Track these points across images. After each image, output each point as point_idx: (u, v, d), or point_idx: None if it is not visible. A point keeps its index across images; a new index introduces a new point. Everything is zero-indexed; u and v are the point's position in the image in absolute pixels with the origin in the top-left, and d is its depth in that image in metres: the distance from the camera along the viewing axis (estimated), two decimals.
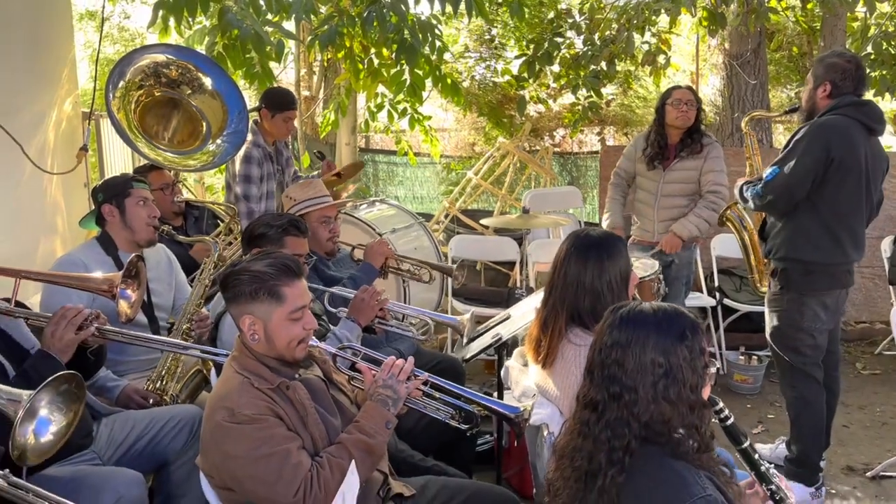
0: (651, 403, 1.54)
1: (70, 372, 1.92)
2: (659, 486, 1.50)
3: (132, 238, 3.00)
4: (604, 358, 1.60)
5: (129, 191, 2.99)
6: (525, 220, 4.43)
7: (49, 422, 1.87)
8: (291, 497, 1.88)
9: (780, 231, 3.35)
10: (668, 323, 1.57)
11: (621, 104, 9.23)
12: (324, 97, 7.76)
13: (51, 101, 4.01)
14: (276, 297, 2.01)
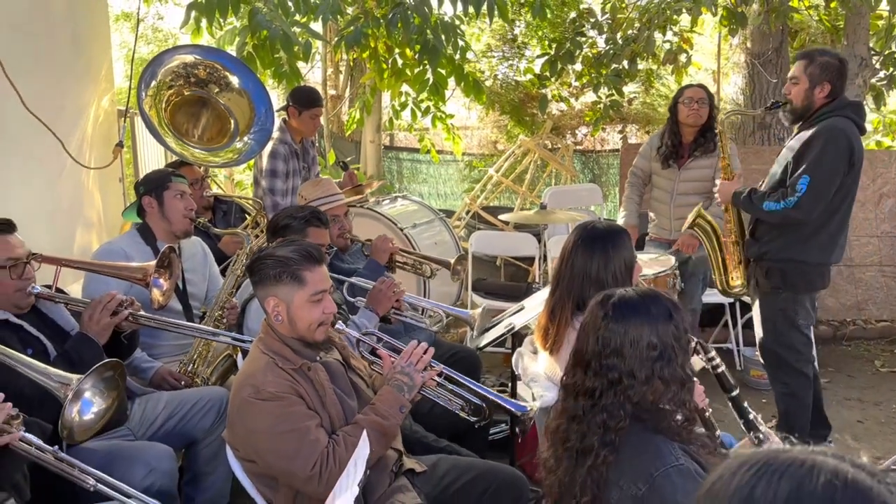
0: (645, 385, 1.63)
1: (114, 360, 2.07)
2: (638, 458, 1.60)
3: (170, 229, 3.15)
4: (601, 349, 1.67)
5: (168, 184, 3.15)
6: (543, 216, 4.53)
7: (91, 403, 2.02)
8: (308, 471, 2.01)
9: (777, 233, 3.36)
10: (655, 305, 1.65)
11: (643, 102, 9.24)
12: (349, 96, 7.92)
13: (89, 98, 4.20)
14: (297, 281, 2.15)
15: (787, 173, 3.29)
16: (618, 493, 1.60)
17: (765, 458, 0.78)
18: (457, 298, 5.43)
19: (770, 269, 3.41)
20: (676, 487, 1.53)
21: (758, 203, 3.33)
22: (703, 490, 0.82)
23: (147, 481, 2.27)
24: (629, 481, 1.58)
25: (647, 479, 1.56)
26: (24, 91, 3.21)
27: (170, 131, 3.91)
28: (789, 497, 0.74)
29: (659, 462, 1.57)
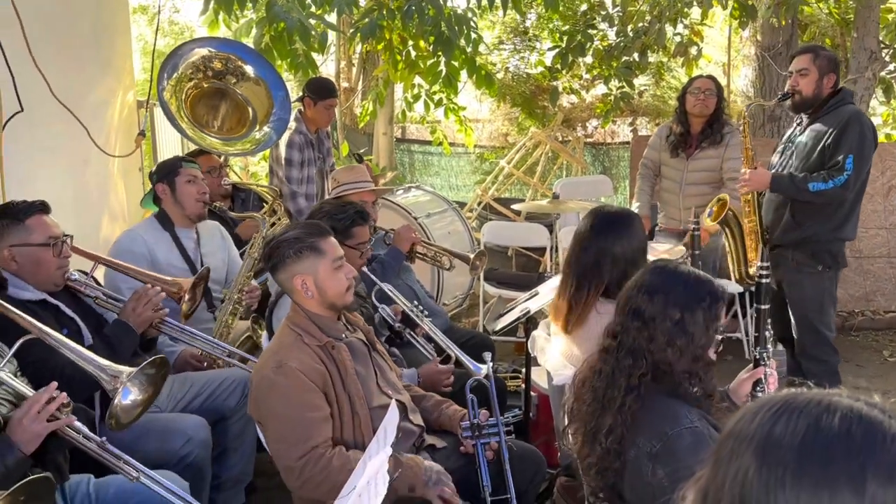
0: (664, 346, 1.72)
1: (161, 357, 2.14)
2: (656, 419, 1.69)
3: (184, 213, 3.23)
4: (634, 294, 1.80)
5: (179, 170, 3.24)
6: (555, 206, 4.60)
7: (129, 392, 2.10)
8: (294, 460, 2.08)
9: (823, 215, 3.46)
10: (696, 285, 1.75)
11: (654, 95, 9.28)
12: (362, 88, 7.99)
13: (111, 89, 4.29)
14: (317, 252, 2.25)
15: (825, 157, 3.41)
16: (635, 451, 1.68)
17: (783, 399, 0.86)
18: (469, 288, 5.51)
19: (817, 250, 3.52)
20: (687, 447, 1.61)
21: (802, 185, 3.40)
22: (725, 431, 0.89)
23: (185, 450, 2.36)
24: (646, 439, 1.67)
25: (661, 437, 1.65)
26: (51, 80, 3.29)
27: (189, 122, 4.00)
28: (807, 431, 0.81)
29: (674, 423, 1.65)
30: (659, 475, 1.62)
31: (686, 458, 1.58)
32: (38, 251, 2.43)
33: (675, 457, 1.61)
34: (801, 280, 3.59)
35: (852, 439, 0.80)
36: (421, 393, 2.65)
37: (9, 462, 1.77)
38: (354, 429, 2.21)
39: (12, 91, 2.95)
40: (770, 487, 0.80)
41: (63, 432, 1.90)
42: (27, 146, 3.29)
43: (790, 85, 3.55)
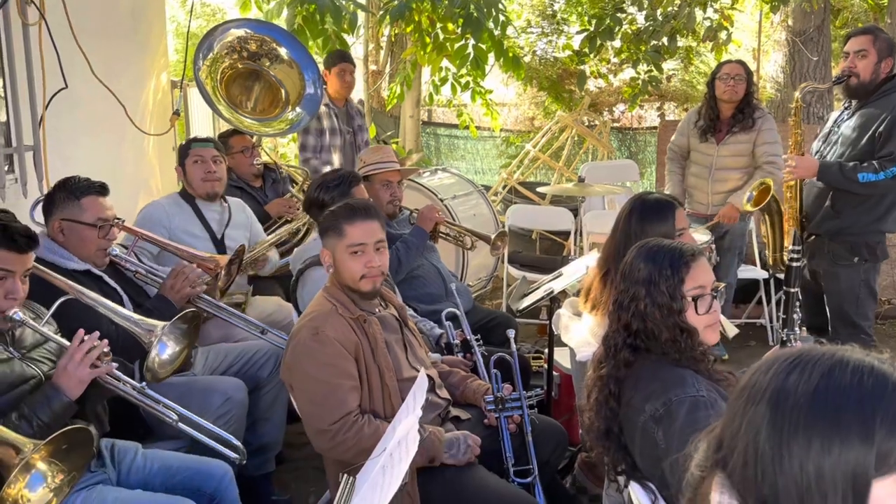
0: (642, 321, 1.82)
1: (193, 311, 2.25)
2: (663, 386, 1.74)
3: (196, 192, 3.36)
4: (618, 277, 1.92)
5: (189, 151, 3.36)
6: (581, 189, 4.62)
7: (165, 346, 2.21)
8: (327, 424, 2.16)
9: (864, 207, 3.40)
10: (657, 255, 1.84)
11: (682, 79, 9.21)
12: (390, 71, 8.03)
13: (147, 69, 4.40)
14: (338, 233, 2.32)
15: (875, 144, 3.31)
16: (644, 417, 1.74)
17: (797, 352, 0.91)
18: (493, 270, 5.56)
19: (854, 242, 3.45)
20: (686, 412, 1.67)
21: (851, 175, 3.31)
22: (740, 384, 0.94)
23: (223, 409, 2.46)
24: (652, 405, 1.73)
25: (665, 402, 1.71)
26: (91, 59, 3.39)
27: (224, 102, 4.09)
28: (820, 381, 0.86)
29: (680, 390, 1.71)
30: (658, 438, 1.69)
31: (682, 423, 1.64)
32: (84, 230, 2.53)
33: (672, 420, 1.67)
34: (837, 272, 3.53)
35: (863, 389, 0.85)
36: (447, 369, 2.72)
37: (55, 406, 1.87)
38: (384, 400, 2.28)
39: (57, 68, 3.05)
40: (783, 435, 0.86)
41: (104, 380, 2.00)
42: (69, 123, 3.40)
43: (846, 67, 3.39)
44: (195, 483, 2.19)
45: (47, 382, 1.95)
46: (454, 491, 2.19)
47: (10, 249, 1.92)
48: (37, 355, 2.08)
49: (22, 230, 1.96)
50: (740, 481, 0.89)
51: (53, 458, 1.63)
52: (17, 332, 2.06)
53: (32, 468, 1.58)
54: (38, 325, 2.04)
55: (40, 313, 2.13)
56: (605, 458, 1.85)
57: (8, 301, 1.94)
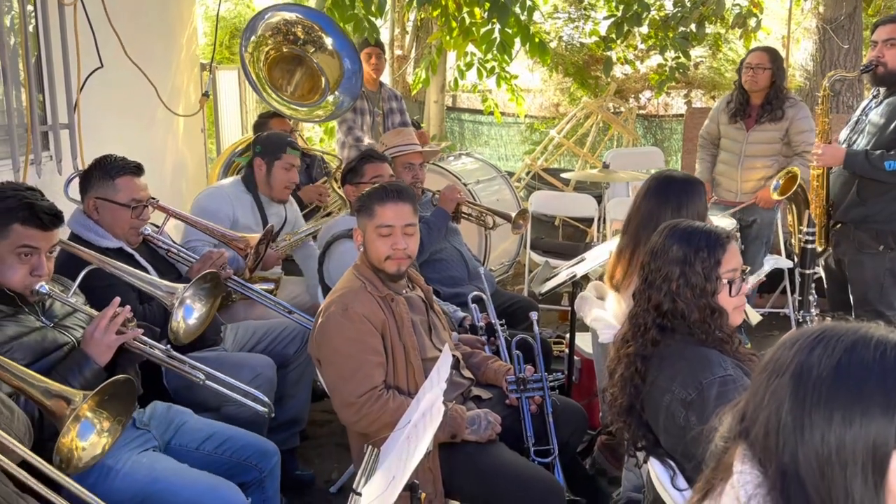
0: (672, 301, 1.82)
1: (212, 272, 2.31)
2: (690, 367, 1.76)
3: (269, 193, 3.41)
4: (643, 258, 1.93)
5: (282, 154, 3.38)
6: (605, 175, 4.62)
7: (192, 309, 2.27)
8: (354, 397, 2.21)
9: (887, 193, 3.38)
10: (690, 238, 1.84)
11: (710, 67, 9.11)
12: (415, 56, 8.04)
13: (177, 50, 4.46)
14: (369, 213, 2.36)
15: None
16: (669, 397, 1.75)
17: (821, 328, 0.93)
18: (515, 256, 5.58)
19: (880, 230, 3.43)
20: (717, 395, 1.67)
21: (878, 163, 3.30)
22: (764, 360, 0.97)
23: (253, 385, 2.51)
24: (680, 387, 1.74)
25: (696, 386, 1.72)
26: (124, 40, 3.45)
27: (267, 85, 4.14)
28: (843, 355, 0.88)
29: (708, 372, 1.73)
30: (692, 421, 1.69)
31: (714, 406, 1.63)
32: (118, 209, 2.59)
33: (705, 405, 1.68)
34: (862, 260, 3.51)
35: (885, 364, 0.87)
36: (469, 350, 2.75)
37: (86, 373, 1.93)
38: (408, 377, 2.33)
39: (91, 48, 3.10)
40: (805, 407, 0.88)
41: (131, 345, 2.05)
42: (102, 103, 3.47)
43: (874, 55, 3.38)
44: (245, 455, 2.26)
45: (77, 350, 2.01)
46: (475, 466, 2.23)
47: (35, 227, 1.97)
48: (69, 323, 2.14)
49: (47, 208, 2.01)
50: (761, 451, 0.92)
51: (100, 407, 1.69)
52: (48, 303, 2.12)
53: (82, 418, 1.64)
54: (65, 297, 2.11)
55: (68, 286, 2.19)
56: (625, 433, 1.88)
57: (34, 277, 2.00)
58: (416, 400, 1.76)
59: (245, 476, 2.25)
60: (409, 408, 1.80)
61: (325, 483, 3.07)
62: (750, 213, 4.37)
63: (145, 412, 2.26)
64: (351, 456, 3.07)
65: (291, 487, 2.92)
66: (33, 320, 2.04)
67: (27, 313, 2.04)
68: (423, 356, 2.38)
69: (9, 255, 1.96)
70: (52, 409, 1.63)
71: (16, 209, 1.96)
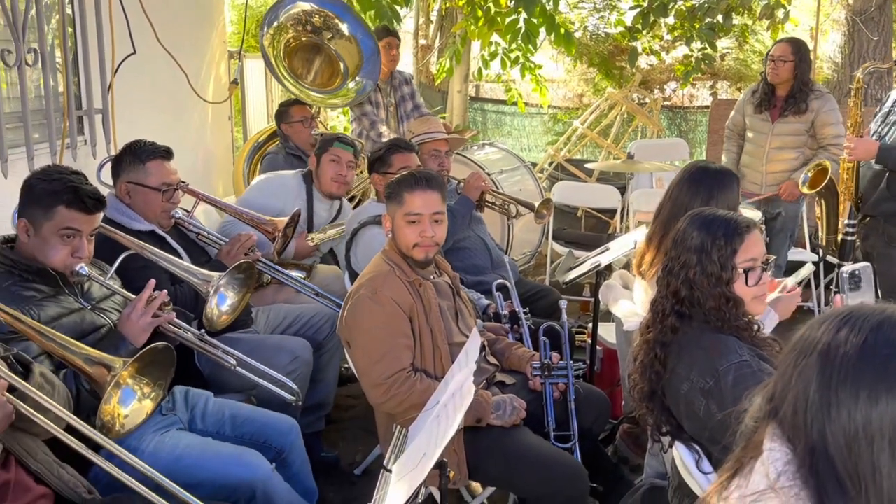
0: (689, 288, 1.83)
1: (247, 262, 2.35)
2: (708, 355, 1.76)
3: (319, 187, 3.48)
4: (669, 244, 1.93)
5: (329, 148, 3.47)
6: (630, 165, 4.60)
7: (228, 298, 2.32)
8: (383, 378, 2.24)
9: None
10: (709, 227, 1.84)
11: (736, 58, 9.00)
12: (439, 46, 8.05)
13: (206, 38, 4.51)
14: (398, 200, 2.39)
15: None
16: (688, 385, 1.77)
17: (849, 309, 0.95)
18: (537, 246, 5.59)
19: None
20: (733, 381, 1.69)
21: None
22: (792, 342, 0.99)
23: (291, 367, 2.57)
24: (698, 375, 1.75)
25: (713, 373, 1.73)
26: (156, 27, 3.50)
27: (286, 74, 4.19)
28: (869, 336, 0.90)
29: (724, 359, 1.73)
30: (713, 409, 1.70)
31: (732, 392, 1.66)
32: (149, 193, 2.64)
33: (723, 392, 1.69)
34: (891, 253, 3.49)
35: None
36: (493, 337, 2.78)
37: (122, 353, 1.96)
38: (435, 361, 2.36)
39: (125, 35, 3.15)
40: (832, 385, 0.90)
41: (166, 329, 2.11)
42: (135, 88, 3.52)
43: None
44: (264, 435, 2.30)
45: (113, 331, 2.06)
46: (499, 449, 2.26)
47: (79, 210, 2.03)
48: (106, 306, 2.20)
49: (91, 192, 2.06)
50: (790, 429, 0.94)
51: (139, 373, 1.75)
52: (86, 285, 2.18)
53: (122, 385, 1.69)
54: (102, 279, 2.16)
55: (105, 269, 2.25)
56: (649, 419, 1.90)
57: (74, 259, 2.05)
58: (445, 382, 1.79)
59: (267, 454, 2.29)
60: (438, 389, 1.83)
61: (349, 465, 3.11)
62: (775, 205, 4.34)
63: (169, 397, 2.30)
64: (374, 439, 3.13)
65: (316, 469, 2.95)
66: (72, 301, 2.10)
67: (67, 294, 2.10)
68: (449, 341, 2.41)
69: (52, 236, 2.02)
70: (93, 375, 1.68)
71: (61, 192, 2.02)
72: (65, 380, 1.85)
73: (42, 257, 2.03)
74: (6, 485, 1.59)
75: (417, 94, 5.05)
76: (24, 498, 1.63)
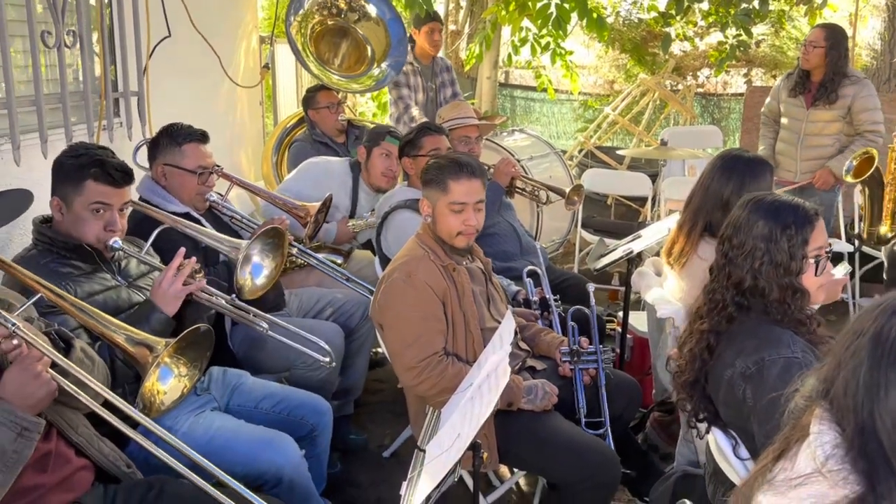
0: (753, 278, 1.76)
1: (274, 227, 2.37)
2: (758, 343, 1.72)
3: (368, 179, 3.50)
4: (724, 231, 1.85)
5: (381, 141, 3.47)
6: (662, 152, 4.55)
7: (261, 266, 2.34)
8: (415, 361, 2.24)
9: None
10: (777, 214, 1.76)
11: (772, 45, 8.83)
12: (469, 32, 8.01)
13: (238, 23, 4.54)
14: (442, 187, 2.37)
15: None
16: (731, 371, 1.73)
17: None
18: (566, 234, 5.56)
19: None
20: (777, 375, 1.64)
21: None
22: (845, 329, 0.98)
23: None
24: (743, 361, 1.71)
25: (757, 361, 1.68)
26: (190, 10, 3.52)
27: (313, 59, 4.20)
28: None
29: (774, 350, 1.68)
30: (748, 395, 1.67)
31: (773, 385, 1.61)
32: (185, 175, 2.67)
33: (763, 382, 1.65)
34: None
35: None
36: (523, 322, 2.77)
37: (154, 323, 2.00)
38: (467, 346, 2.36)
39: (162, 17, 3.18)
40: (882, 367, 0.90)
41: (197, 296, 2.13)
42: (169, 71, 3.55)
43: None
44: (300, 412, 2.33)
45: (146, 301, 2.08)
46: (530, 434, 2.26)
47: (107, 183, 2.06)
48: (142, 283, 2.23)
49: (118, 165, 2.10)
50: (840, 410, 0.94)
51: (177, 353, 1.77)
52: (123, 262, 2.22)
53: (161, 364, 1.72)
54: (137, 253, 2.20)
55: (140, 246, 2.28)
56: (687, 405, 1.87)
57: (107, 233, 2.09)
58: (478, 364, 1.79)
59: (300, 432, 2.32)
60: (470, 373, 1.83)
61: (377, 447, 3.14)
62: (809, 194, 4.27)
63: (204, 378, 2.33)
64: (402, 422, 3.15)
65: (345, 451, 3.01)
66: (109, 278, 2.13)
67: (104, 271, 2.13)
68: (481, 326, 2.41)
69: (83, 211, 2.06)
70: (135, 355, 1.71)
71: (88, 166, 2.05)
72: (100, 350, 1.89)
73: (76, 233, 2.07)
74: (48, 455, 1.62)
75: (456, 83, 5.06)
76: (64, 469, 1.67)
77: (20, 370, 1.52)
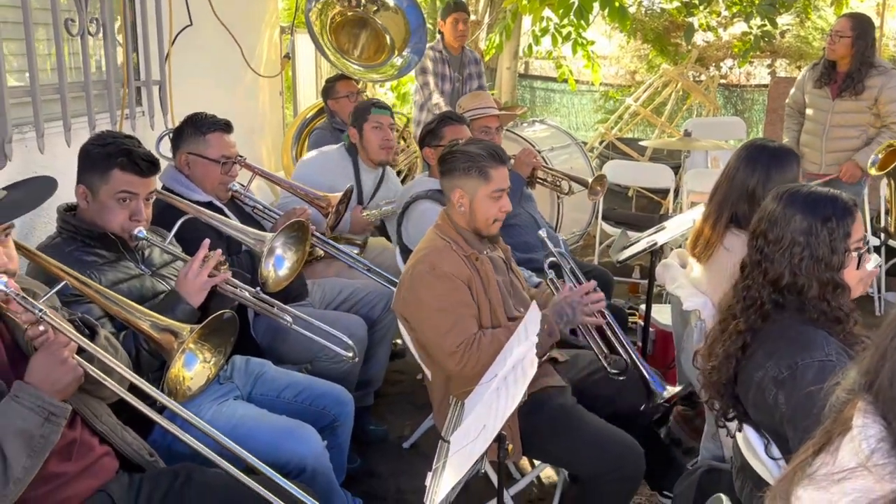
0: (791, 273, 1.68)
1: (299, 221, 2.37)
2: (791, 346, 1.65)
3: (367, 157, 3.46)
4: (758, 225, 1.76)
5: (368, 116, 3.43)
6: (686, 143, 4.51)
7: (283, 259, 2.34)
8: (454, 347, 2.23)
9: None
10: (816, 206, 1.68)
11: (797, 35, 8.68)
12: (489, 21, 7.95)
13: (259, 12, 4.53)
14: (484, 176, 2.35)
15: None
16: (762, 373, 1.66)
17: None
18: (586, 226, 5.51)
19: None
20: (811, 381, 1.56)
21: None
22: (886, 322, 0.95)
23: None
24: (774, 364, 1.64)
25: (791, 365, 1.61)
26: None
27: (332, 49, 4.18)
28: None
29: (807, 353, 1.61)
30: (780, 401, 1.61)
31: (808, 389, 1.54)
32: (208, 164, 2.67)
33: (797, 387, 1.59)
34: None
35: None
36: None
37: (179, 313, 1.99)
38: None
39: (184, 6, 3.17)
40: None
41: (222, 288, 2.12)
42: (191, 60, 3.55)
43: None
44: (322, 402, 2.33)
45: (171, 291, 2.08)
46: (554, 426, 2.23)
47: (133, 173, 2.06)
48: (166, 272, 2.23)
49: (144, 155, 2.09)
50: (884, 402, 0.91)
51: (202, 339, 1.77)
52: (146, 252, 2.22)
53: (186, 350, 1.71)
54: (161, 243, 2.20)
55: (164, 236, 2.28)
56: (716, 403, 1.82)
57: (132, 222, 2.08)
58: (503, 356, 1.77)
59: (321, 422, 2.32)
60: (495, 363, 1.81)
61: (397, 438, 3.14)
62: (834, 187, 4.18)
63: (227, 367, 2.33)
64: (421, 413, 3.15)
65: (365, 442, 3.01)
66: (133, 267, 2.13)
67: (128, 260, 2.13)
68: (508, 315, 2.39)
69: (109, 200, 2.06)
70: (160, 341, 1.71)
71: (115, 155, 2.05)
72: (124, 340, 1.89)
73: (101, 222, 2.07)
74: (72, 443, 1.63)
75: (483, 76, 5.04)
76: (88, 457, 1.67)
77: (47, 356, 1.52)
